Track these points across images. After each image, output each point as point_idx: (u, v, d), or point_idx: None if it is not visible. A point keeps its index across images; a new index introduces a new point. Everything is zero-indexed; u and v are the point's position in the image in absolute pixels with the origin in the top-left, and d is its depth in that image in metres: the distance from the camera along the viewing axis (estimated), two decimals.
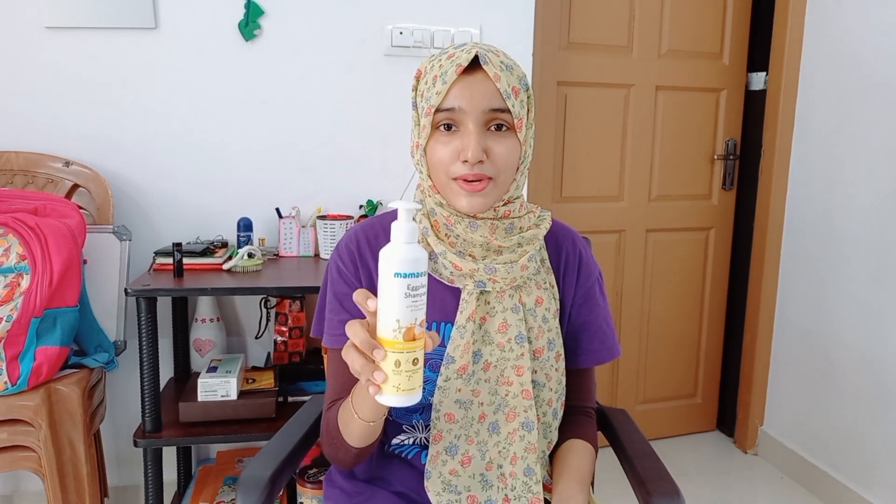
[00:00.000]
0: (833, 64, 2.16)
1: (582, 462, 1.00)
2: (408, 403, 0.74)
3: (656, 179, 2.47)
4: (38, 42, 1.85)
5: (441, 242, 0.95)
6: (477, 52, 0.88)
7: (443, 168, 0.91)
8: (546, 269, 1.02)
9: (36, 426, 1.51)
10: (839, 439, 2.16)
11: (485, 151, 0.89)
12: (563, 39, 2.27)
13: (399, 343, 0.71)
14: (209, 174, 1.99)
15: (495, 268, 0.93)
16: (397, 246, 0.73)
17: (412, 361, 0.72)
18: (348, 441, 0.93)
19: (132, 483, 2.06)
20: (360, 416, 0.88)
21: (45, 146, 1.87)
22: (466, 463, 0.96)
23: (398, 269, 0.71)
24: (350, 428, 0.91)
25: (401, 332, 0.71)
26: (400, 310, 0.71)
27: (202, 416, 1.64)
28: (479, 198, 0.90)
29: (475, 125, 0.88)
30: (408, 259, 0.71)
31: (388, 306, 0.72)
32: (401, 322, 0.71)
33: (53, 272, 1.53)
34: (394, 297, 0.71)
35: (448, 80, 0.88)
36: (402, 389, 0.72)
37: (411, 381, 0.72)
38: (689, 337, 2.63)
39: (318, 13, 1.99)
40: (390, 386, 0.72)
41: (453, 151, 0.90)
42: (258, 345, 2.06)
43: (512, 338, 0.96)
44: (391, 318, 0.71)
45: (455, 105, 0.88)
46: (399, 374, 0.71)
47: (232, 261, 1.75)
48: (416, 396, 0.74)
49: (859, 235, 2.06)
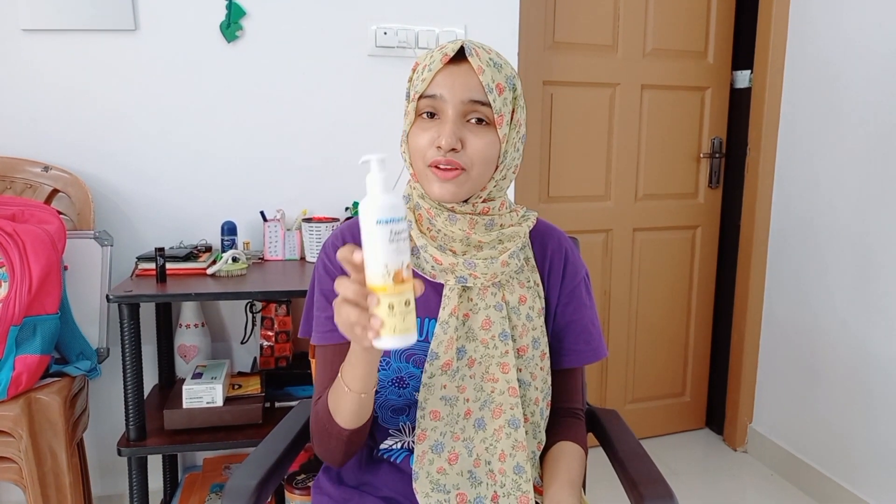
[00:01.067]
0: (817, 61, 2.17)
1: (572, 464, 0.99)
2: (406, 344, 0.76)
3: (643, 178, 2.47)
4: (15, 45, 1.82)
5: (423, 236, 0.96)
6: (464, 44, 0.91)
7: (420, 154, 0.93)
8: (531, 268, 1.02)
9: (16, 436, 1.48)
10: (827, 436, 2.17)
11: (461, 141, 0.91)
12: (548, 39, 2.27)
13: (390, 287, 0.74)
14: (192, 177, 1.96)
15: (475, 263, 0.94)
16: (375, 196, 0.75)
17: (405, 303, 0.74)
18: (340, 423, 0.92)
19: (117, 492, 2.03)
20: (351, 388, 0.88)
21: (23, 150, 1.84)
22: (453, 460, 0.95)
23: (380, 217, 0.74)
24: (341, 406, 0.91)
25: (390, 276, 0.74)
26: (386, 254, 0.73)
27: (187, 423, 1.62)
28: (450, 185, 0.92)
29: (454, 114, 0.90)
30: (387, 206, 0.74)
31: (374, 254, 0.74)
32: (389, 266, 0.73)
33: (32, 279, 1.50)
34: (378, 243, 0.74)
35: (434, 69, 0.91)
36: (398, 331, 0.74)
37: (406, 321, 0.75)
38: (677, 335, 2.64)
39: (300, 14, 1.97)
40: (387, 329, 0.74)
41: (431, 138, 0.92)
42: (244, 350, 2.04)
43: (496, 335, 0.96)
44: (379, 264, 0.74)
45: (437, 92, 0.91)
46: (394, 317, 0.74)
47: (216, 265, 1.73)
48: (412, 336, 0.76)
49: (845, 233, 2.07)
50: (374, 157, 0.77)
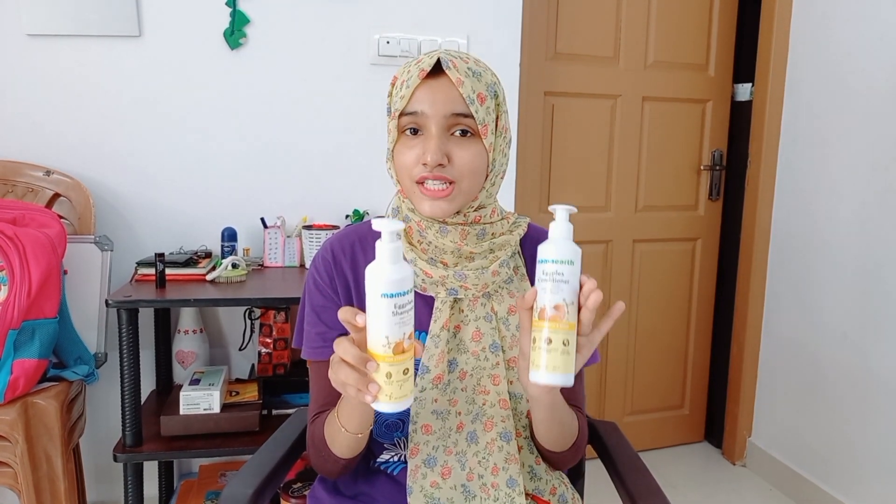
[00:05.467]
0: (818, 74, 2.18)
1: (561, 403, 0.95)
2: (400, 409, 0.76)
3: (643, 190, 2.48)
4: (19, 49, 1.83)
5: (413, 249, 0.95)
6: (439, 57, 0.89)
7: (406, 172, 0.92)
8: (520, 277, 1.00)
9: (12, 441, 1.47)
10: (827, 450, 2.16)
11: (447, 156, 0.89)
12: (549, 50, 2.27)
13: (389, 357, 0.73)
14: (193, 183, 1.97)
15: (465, 274, 0.93)
16: (382, 267, 0.74)
17: (403, 372, 0.74)
18: (336, 453, 0.93)
19: (112, 499, 2.02)
20: (347, 429, 0.89)
21: (25, 155, 1.84)
22: (447, 474, 0.95)
23: (385, 291, 0.72)
24: (337, 441, 0.92)
25: (390, 347, 0.73)
26: (388, 327, 0.73)
27: (184, 429, 1.61)
28: (441, 203, 0.91)
29: (437, 129, 0.89)
30: (393, 280, 0.73)
31: (376, 324, 0.74)
32: (390, 338, 0.73)
33: (32, 283, 1.49)
34: (382, 316, 0.73)
35: (412, 85, 0.89)
36: (394, 398, 0.75)
37: (402, 389, 0.75)
38: (676, 348, 2.63)
39: (304, 22, 1.97)
40: (383, 395, 0.74)
41: (416, 155, 0.90)
42: (242, 356, 2.03)
43: (486, 346, 0.96)
44: (380, 335, 0.73)
45: (418, 109, 0.89)
46: (391, 385, 0.74)
47: (216, 271, 1.73)
48: (408, 402, 0.76)
49: (846, 245, 2.07)
50: (385, 226, 0.74)
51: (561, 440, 0.97)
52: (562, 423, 0.94)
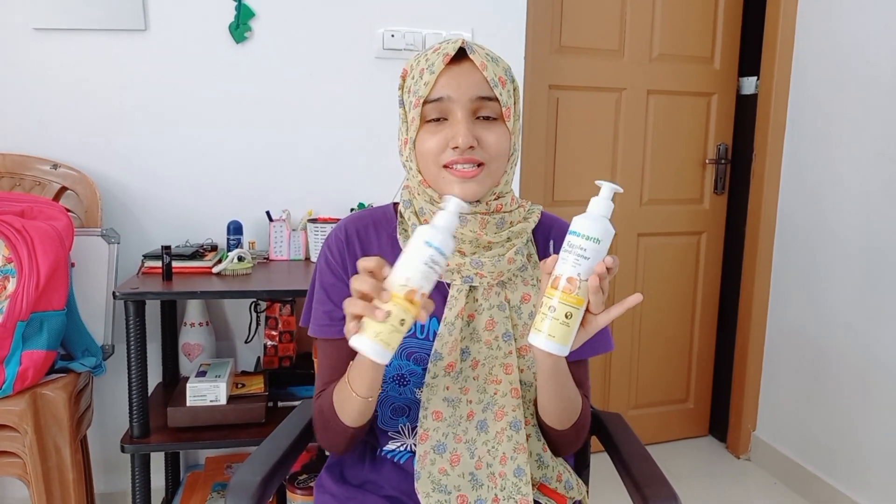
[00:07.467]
0: (824, 68, 2.17)
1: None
2: (377, 358, 0.76)
3: (648, 183, 2.48)
4: (26, 44, 1.83)
5: None
6: (463, 43, 0.91)
7: (433, 158, 0.92)
8: (533, 265, 1.01)
9: (21, 431, 1.48)
10: (832, 444, 2.16)
11: (476, 139, 0.91)
12: (554, 43, 2.27)
13: (399, 298, 0.75)
14: (199, 177, 1.97)
15: (482, 261, 0.94)
16: (436, 226, 0.78)
17: (400, 321, 0.75)
18: (344, 421, 0.94)
19: (119, 489, 2.03)
20: (357, 393, 0.89)
21: (32, 148, 1.85)
22: (455, 462, 0.95)
23: (430, 240, 0.77)
24: (346, 407, 0.92)
25: (405, 289, 0.75)
26: (413, 271, 0.76)
27: (191, 421, 1.62)
28: (472, 184, 0.92)
29: (463, 113, 0.90)
30: (443, 239, 0.77)
31: (404, 266, 0.77)
32: (409, 282, 0.76)
33: (40, 275, 1.50)
34: (414, 259, 0.76)
35: (436, 70, 0.90)
36: (379, 338, 0.75)
37: (391, 336, 0.76)
38: (681, 341, 2.63)
39: (309, 16, 1.98)
40: (371, 331, 0.75)
41: (442, 140, 0.91)
42: (248, 349, 2.04)
43: (499, 335, 0.96)
44: (403, 276, 0.76)
45: (443, 94, 0.91)
46: (384, 325, 0.75)
47: (221, 264, 1.74)
48: (387, 354, 0.77)
49: (851, 238, 2.07)
50: (454, 201, 0.80)
51: (563, 415, 0.97)
52: (562, 397, 0.94)
